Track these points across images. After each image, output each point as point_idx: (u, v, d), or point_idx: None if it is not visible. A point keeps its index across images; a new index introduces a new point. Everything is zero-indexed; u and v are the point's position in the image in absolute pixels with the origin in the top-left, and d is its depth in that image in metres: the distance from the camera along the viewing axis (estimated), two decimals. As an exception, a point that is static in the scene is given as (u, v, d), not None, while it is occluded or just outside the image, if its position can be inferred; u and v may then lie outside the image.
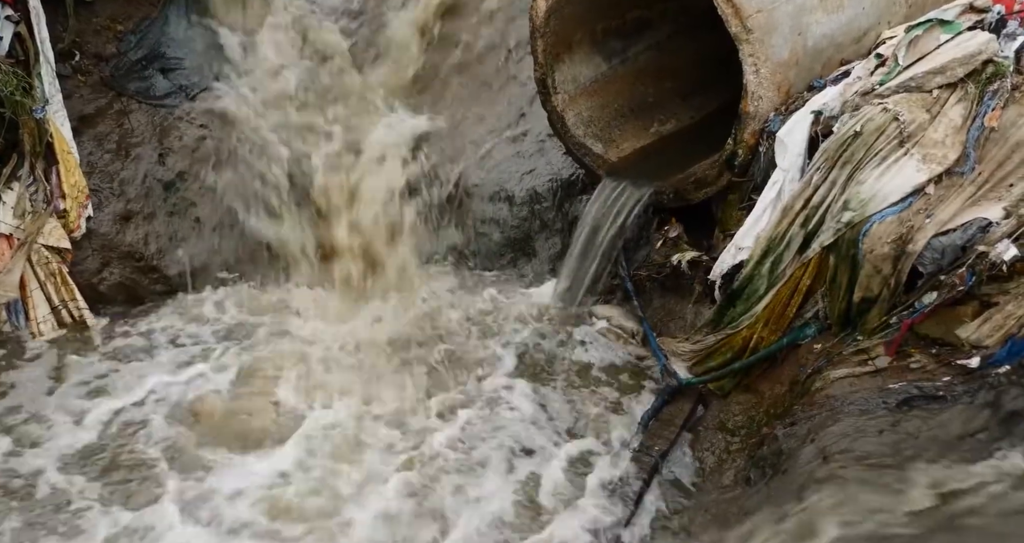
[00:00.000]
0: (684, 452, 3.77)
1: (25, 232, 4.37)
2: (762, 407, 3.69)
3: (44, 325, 4.47)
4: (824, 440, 3.09)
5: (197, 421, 3.96)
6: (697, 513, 3.46)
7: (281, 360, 4.38)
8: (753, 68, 3.82)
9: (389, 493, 3.55)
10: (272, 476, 3.62)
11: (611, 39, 4.92)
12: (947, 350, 3.23)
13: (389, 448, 3.82)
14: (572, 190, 5.07)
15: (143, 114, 4.98)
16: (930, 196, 3.40)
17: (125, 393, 4.12)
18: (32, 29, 4.46)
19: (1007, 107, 3.45)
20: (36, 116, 4.37)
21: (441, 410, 4.07)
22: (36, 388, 4.14)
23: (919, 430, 2.95)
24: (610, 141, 4.81)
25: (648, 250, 4.45)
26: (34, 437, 3.84)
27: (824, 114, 3.74)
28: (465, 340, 4.58)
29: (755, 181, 4.02)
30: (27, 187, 4.43)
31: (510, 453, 3.81)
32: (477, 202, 5.17)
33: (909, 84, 3.60)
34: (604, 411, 4.09)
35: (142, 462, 3.71)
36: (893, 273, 3.36)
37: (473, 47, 5.62)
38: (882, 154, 3.49)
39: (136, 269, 4.80)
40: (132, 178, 4.85)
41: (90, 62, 4.97)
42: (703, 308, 4.15)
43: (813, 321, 3.67)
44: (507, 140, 5.32)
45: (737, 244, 3.90)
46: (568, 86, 4.73)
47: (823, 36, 4.07)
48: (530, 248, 5.12)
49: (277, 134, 5.15)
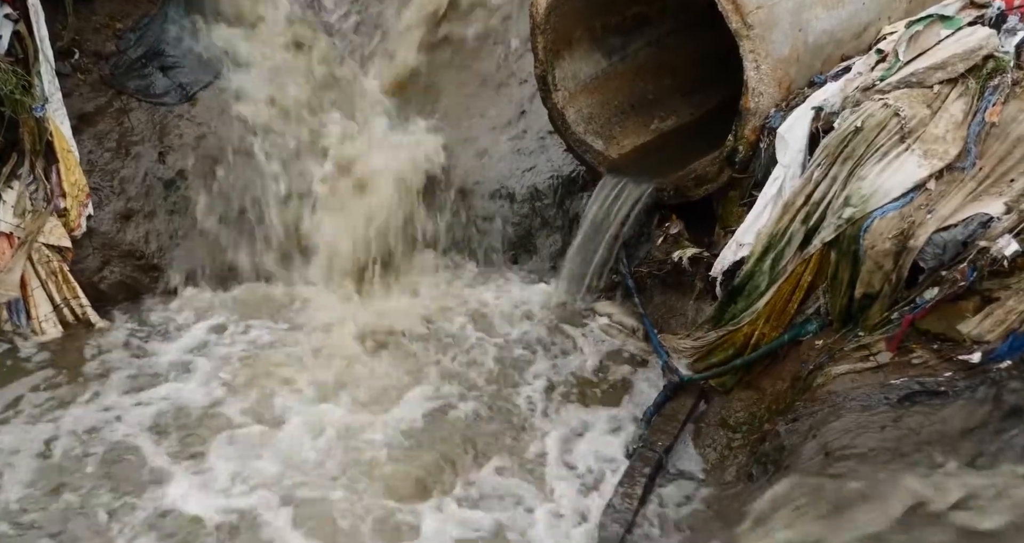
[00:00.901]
0: (686, 448, 3.78)
1: (25, 231, 4.37)
2: (764, 403, 3.70)
3: (46, 324, 4.46)
4: (826, 436, 3.10)
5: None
6: (699, 509, 3.47)
7: (284, 357, 4.38)
8: (753, 64, 3.82)
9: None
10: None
11: (611, 36, 4.91)
12: (948, 345, 3.24)
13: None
14: (573, 187, 5.07)
15: (143, 112, 4.97)
16: (931, 192, 3.40)
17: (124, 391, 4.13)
18: (31, 27, 4.45)
19: (1008, 102, 3.46)
20: (36, 114, 4.36)
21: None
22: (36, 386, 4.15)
23: (921, 426, 2.95)
24: (610, 138, 4.81)
25: (649, 247, 4.45)
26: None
27: (825, 110, 3.74)
28: (465, 338, 4.58)
29: (756, 177, 4.02)
30: (27, 186, 4.43)
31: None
32: (478, 199, 5.17)
33: (910, 79, 3.60)
34: (605, 407, 4.10)
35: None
36: (894, 269, 3.37)
37: (473, 44, 5.62)
38: (883, 150, 3.49)
39: (137, 267, 4.80)
40: (132, 176, 4.84)
41: (89, 60, 4.95)
42: (704, 305, 4.15)
43: (814, 317, 3.67)
44: (508, 137, 5.31)
45: (738, 240, 3.90)
46: (568, 83, 4.73)
47: (823, 32, 4.07)
48: (531, 245, 5.12)
49: (276, 130, 5.15)
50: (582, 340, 4.52)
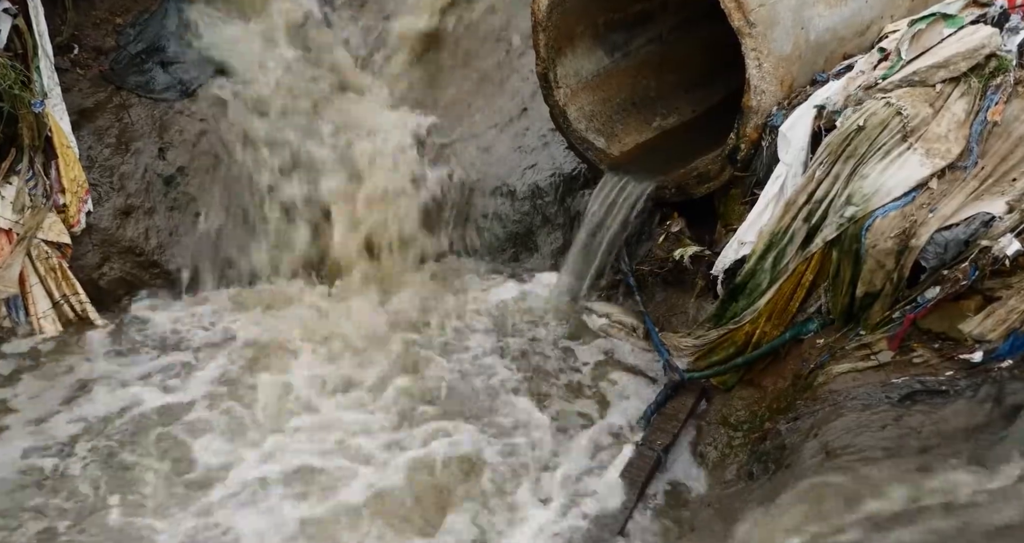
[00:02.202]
0: (687, 446, 3.78)
1: (24, 227, 4.35)
2: (765, 402, 3.70)
3: (45, 320, 4.45)
4: (827, 435, 3.10)
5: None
6: (699, 507, 3.47)
7: (281, 352, 4.39)
8: (756, 62, 3.81)
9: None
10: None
11: (613, 32, 4.90)
12: (950, 344, 3.24)
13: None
14: (574, 185, 5.06)
15: (143, 108, 4.95)
16: (933, 191, 3.40)
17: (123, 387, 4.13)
18: (30, 22, 4.44)
19: (1010, 101, 3.46)
20: (35, 110, 4.35)
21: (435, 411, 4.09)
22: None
23: (922, 425, 2.96)
24: (612, 135, 4.80)
25: (650, 245, 4.44)
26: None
27: (827, 108, 3.74)
28: (466, 335, 4.58)
29: (758, 176, 4.02)
30: (26, 182, 4.41)
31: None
32: (479, 197, 5.16)
33: (912, 78, 3.60)
34: (606, 405, 4.10)
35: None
36: (896, 268, 3.37)
37: (475, 41, 5.60)
38: (885, 148, 3.48)
39: (137, 264, 4.78)
40: (132, 173, 4.83)
41: (89, 56, 4.93)
42: (705, 303, 4.15)
43: (816, 316, 3.67)
44: (509, 135, 5.31)
45: (740, 239, 3.89)
46: (570, 80, 4.71)
47: (826, 30, 4.06)
48: (532, 243, 5.11)
49: (276, 128, 5.13)
50: (582, 337, 4.51)
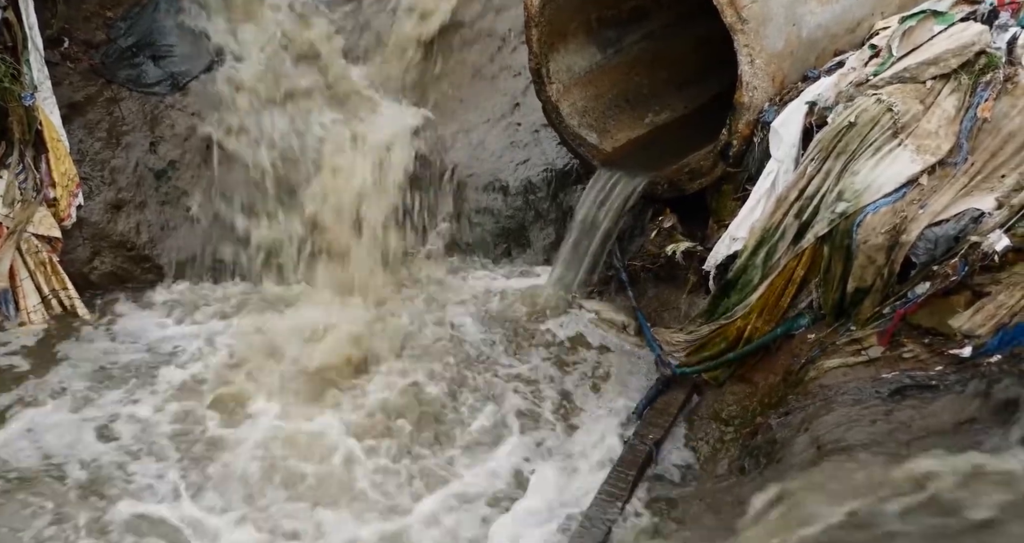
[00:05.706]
0: (678, 441, 3.79)
1: (14, 221, 4.33)
2: (756, 397, 3.71)
3: (35, 315, 4.43)
4: (818, 429, 3.12)
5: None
6: (691, 502, 3.48)
7: (269, 348, 4.38)
8: (748, 59, 3.82)
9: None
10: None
11: (606, 29, 4.90)
12: (940, 340, 3.25)
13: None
14: (567, 180, 5.07)
15: (134, 102, 4.92)
16: (923, 187, 3.42)
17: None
18: (20, 15, 4.39)
19: (999, 98, 3.47)
20: (25, 103, 4.32)
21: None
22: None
23: (912, 419, 2.97)
24: (605, 131, 4.80)
25: (643, 241, 4.45)
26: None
27: (818, 105, 3.75)
28: (460, 331, 4.57)
29: (750, 172, 4.03)
30: (16, 175, 4.38)
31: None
32: (471, 192, 5.16)
33: (903, 75, 3.62)
34: (597, 400, 4.11)
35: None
36: (887, 263, 3.38)
37: (467, 36, 5.59)
38: (876, 145, 3.50)
39: (127, 258, 4.76)
40: (123, 166, 4.80)
41: (79, 49, 4.90)
42: (697, 298, 4.16)
43: (807, 311, 3.68)
44: (501, 130, 5.30)
45: (731, 234, 3.91)
46: (563, 76, 4.72)
47: (817, 26, 4.07)
48: (524, 238, 5.11)
49: (267, 122, 5.11)
50: (574, 332, 4.52)
